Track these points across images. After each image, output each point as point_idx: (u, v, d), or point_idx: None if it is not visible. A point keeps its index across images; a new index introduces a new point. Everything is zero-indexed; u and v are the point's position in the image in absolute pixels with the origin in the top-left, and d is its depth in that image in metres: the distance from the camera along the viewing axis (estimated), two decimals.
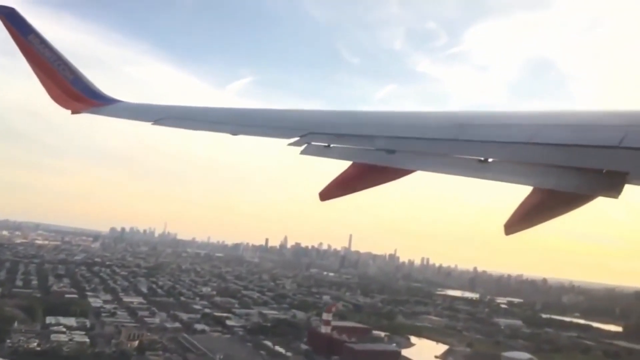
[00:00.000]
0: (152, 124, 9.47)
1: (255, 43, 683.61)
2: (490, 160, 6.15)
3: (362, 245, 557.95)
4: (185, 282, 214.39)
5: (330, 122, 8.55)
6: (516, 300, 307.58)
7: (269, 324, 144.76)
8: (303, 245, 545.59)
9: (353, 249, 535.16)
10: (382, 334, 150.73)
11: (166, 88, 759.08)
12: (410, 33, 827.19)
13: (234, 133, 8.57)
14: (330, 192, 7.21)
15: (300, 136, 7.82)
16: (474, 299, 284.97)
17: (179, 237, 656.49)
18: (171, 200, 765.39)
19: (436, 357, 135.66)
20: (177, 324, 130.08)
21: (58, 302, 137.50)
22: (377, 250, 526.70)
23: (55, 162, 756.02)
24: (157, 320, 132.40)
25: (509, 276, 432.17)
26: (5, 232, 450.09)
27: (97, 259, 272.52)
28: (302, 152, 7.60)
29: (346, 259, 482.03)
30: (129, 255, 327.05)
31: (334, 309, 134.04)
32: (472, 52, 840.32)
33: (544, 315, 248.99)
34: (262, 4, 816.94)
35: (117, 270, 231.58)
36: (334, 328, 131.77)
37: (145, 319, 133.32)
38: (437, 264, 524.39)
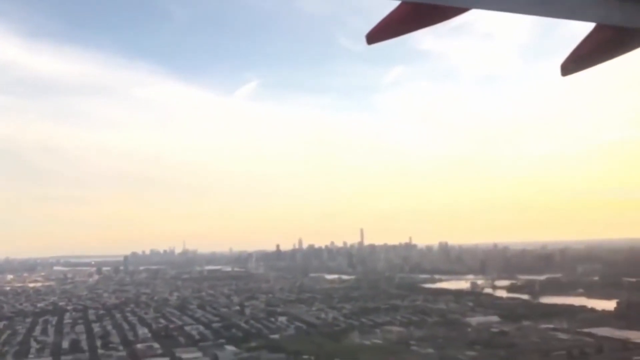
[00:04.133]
0: None
1: (253, 46, 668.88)
2: None
3: (379, 238, 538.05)
4: (130, 323, 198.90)
5: None
6: (520, 281, 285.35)
7: None
8: (317, 246, 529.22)
9: (367, 242, 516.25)
10: None
11: (176, 104, 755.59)
12: None
13: None
14: (378, 34, 6.45)
15: None
16: (464, 289, 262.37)
17: (200, 251, 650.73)
18: (192, 215, 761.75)
19: None
20: None
21: None
22: (393, 241, 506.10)
23: (77, 192, 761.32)
24: None
25: (524, 251, 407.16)
26: (10, 276, 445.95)
27: (61, 303, 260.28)
28: None
29: (357, 256, 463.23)
30: (111, 290, 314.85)
31: None
32: (475, 22, 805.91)
33: (539, 300, 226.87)
34: (254, 7, 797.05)
35: (67, 317, 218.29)
36: None
37: None
38: (457, 245, 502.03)
